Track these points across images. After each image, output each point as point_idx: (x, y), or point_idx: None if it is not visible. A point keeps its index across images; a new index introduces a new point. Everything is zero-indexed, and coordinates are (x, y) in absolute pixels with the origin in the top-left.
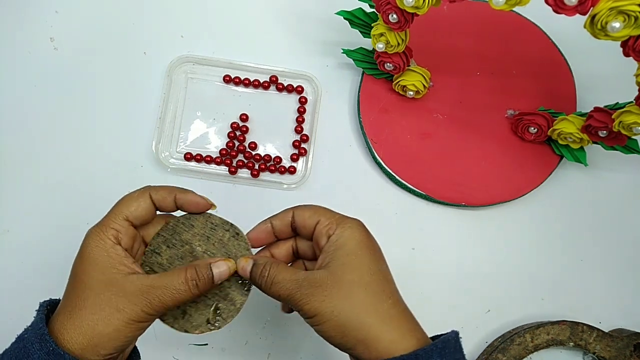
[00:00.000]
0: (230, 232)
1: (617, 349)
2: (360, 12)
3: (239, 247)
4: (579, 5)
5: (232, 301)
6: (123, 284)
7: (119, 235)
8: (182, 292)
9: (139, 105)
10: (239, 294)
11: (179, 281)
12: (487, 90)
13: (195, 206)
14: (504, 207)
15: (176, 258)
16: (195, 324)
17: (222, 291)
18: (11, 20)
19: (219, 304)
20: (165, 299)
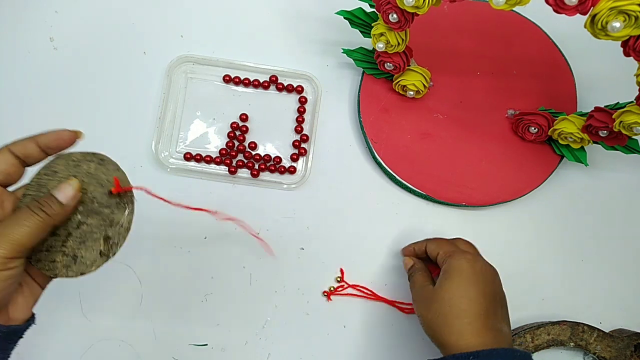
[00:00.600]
0: (95, 162)
1: (618, 349)
2: (361, 11)
3: (108, 171)
4: (579, 5)
5: (119, 223)
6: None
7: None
8: (32, 224)
9: (139, 105)
10: (123, 214)
11: (24, 213)
12: (487, 90)
13: (60, 141)
14: (504, 207)
15: None
16: (89, 262)
17: (105, 220)
18: (11, 20)
19: (107, 233)
20: (16, 235)
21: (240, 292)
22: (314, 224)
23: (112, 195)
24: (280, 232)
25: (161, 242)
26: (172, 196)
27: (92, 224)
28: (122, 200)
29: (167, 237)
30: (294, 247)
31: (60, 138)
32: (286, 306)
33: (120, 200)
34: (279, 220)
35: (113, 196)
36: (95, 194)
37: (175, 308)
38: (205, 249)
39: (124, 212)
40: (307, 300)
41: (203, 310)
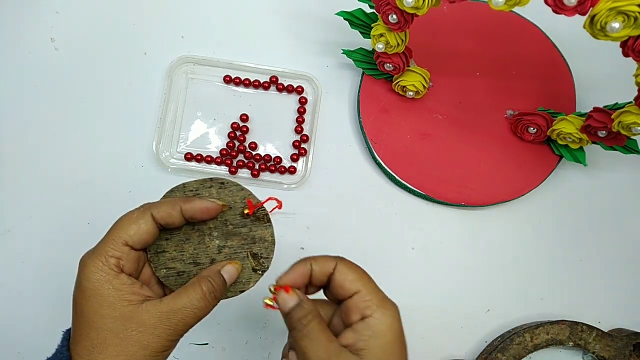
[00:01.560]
0: (216, 187)
1: (617, 349)
2: (360, 12)
3: (232, 193)
4: (578, 6)
5: (262, 239)
6: (140, 317)
7: (121, 262)
8: (203, 309)
9: (140, 105)
10: (263, 229)
11: (197, 298)
12: (486, 90)
13: (206, 213)
14: (504, 207)
15: (182, 242)
16: (244, 279)
17: (246, 238)
18: (12, 20)
19: (252, 251)
20: (188, 320)
21: None
22: (314, 224)
23: (245, 216)
24: (280, 232)
25: None
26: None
27: (234, 246)
28: (257, 217)
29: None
30: (294, 247)
31: (208, 209)
32: None
33: (255, 217)
34: (279, 220)
35: (247, 216)
36: (227, 217)
37: None
38: None
39: (263, 227)
40: None
41: None
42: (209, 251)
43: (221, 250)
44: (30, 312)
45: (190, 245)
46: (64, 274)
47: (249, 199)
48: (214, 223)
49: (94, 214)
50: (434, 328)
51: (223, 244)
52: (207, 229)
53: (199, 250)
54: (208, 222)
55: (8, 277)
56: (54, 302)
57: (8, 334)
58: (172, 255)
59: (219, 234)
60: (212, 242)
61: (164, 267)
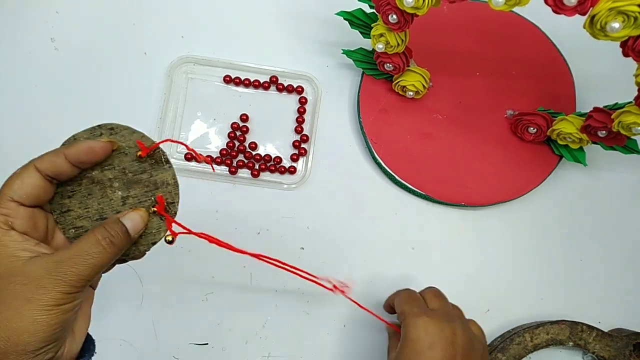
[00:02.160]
0: (106, 134)
1: (617, 349)
2: (360, 12)
3: (124, 138)
4: (578, 6)
5: (165, 183)
6: (26, 271)
7: (9, 220)
8: (97, 256)
9: (140, 105)
10: (164, 172)
11: (89, 244)
12: (486, 90)
13: (92, 154)
14: (504, 207)
15: (85, 198)
16: (154, 230)
17: (149, 185)
18: (12, 20)
19: (155, 197)
20: (81, 270)
21: (241, 292)
22: (314, 224)
23: (142, 159)
24: (280, 232)
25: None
26: None
27: (137, 194)
28: (155, 160)
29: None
30: (294, 247)
31: (92, 149)
32: (286, 306)
33: (153, 160)
34: (279, 220)
35: (143, 160)
36: (124, 165)
37: (176, 307)
38: (206, 249)
39: (162, 170)
40: (307, 300)
41: (204, 310)
42: (114, 204)
43: (125, 201)
44: None
45: (94, 200)
46: None
47: (139, 141)
48: (113, 173)
49: None
50: None
51: (126, 194)
52: (107, 181)
53: (104, 204)
54: (106, 172)
55: None
56: None
57: None
58: (77, 213)
59: (120, 184)
60: (115, 193)
61: (72, 226)
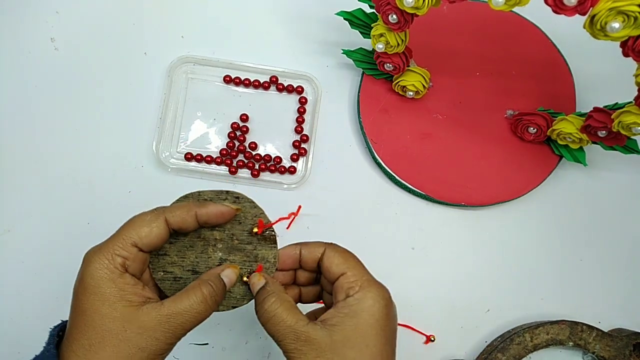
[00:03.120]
0: (230, 200)
1: (617, 349)
2: (360, 12)
3: (245, 209)
4: (578, 6)
5: (265, 259)
6: (141, 319)
7: (127, 262)
8: (202, 312)
9: (140, 105)
10: (268, 250)
11: (198, 302)
12: (486, 90)
13: (221, 217)
14: (504, 207)
15: (185, 248)
16: (239, 296)
17: (249, 256)
18: (12, 20)
19: (252, 269)
20: (187, 325)
21: None
22: (314, 224)
23: (253, 233)
24: (280, 232)
25: None
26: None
27: (236, 260)
28: (265, 237)
29: None
30: None
31: (222, 214)
32: None
33: (262, 236)
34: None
35: (255, 234)
36: (234, 232)
37: None
38: None
39: (267, 247)
40: None
41: None
42: (210, 262)
43: (222, 263)
44: (30, 312)
45: (193, 253)
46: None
47: (260, 219)
48: (221, 235)
49: (94, 214)
50: (434, 328)
51: (225, 257)
52: (212, 240)
53: (200, 259)
54: (215, 232)
55: (8, 277)
56: (53, 302)
57: (8, 333)
58: (172, 259)
59: (224, 246)
60: (215, 253)
61: (162, 269)
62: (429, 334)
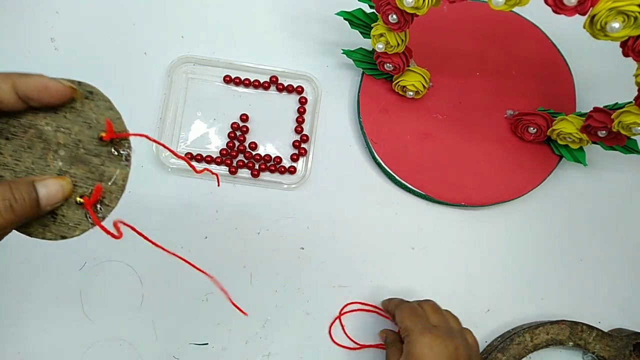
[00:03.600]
0: (80, 90)
1: (617, 349)
2: (360, 12)
3: (99, 109)
4: (578, 6)
5: (111, 178)
6: None
7: None
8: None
9: (140, 105)
10: (117, 167)
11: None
12: (486, 90)
13: (45, 92)
14: (504, 207)
15: (22, 149)
16: (72, 223)
17: (94, 172)
18: (12, 20)
19: (92, 189)
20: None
21: (241, 292)
22: (314, 224)
23: (103, 141)
24: (280, 232)
25: (162, 242)
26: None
27: (77, 175)
28: (116, 149)
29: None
30: (294, 247)
31: (45, 89)
32: (286, 306)
33: (114, 148)
34: (279, 220)
35: (104, 143)
36: (81, 137)
37: (176, 307)
38: (205, 249)
39: (118, 164)
40: (307, 299)
41: (204, 310)
42: (47, 171)
43: (60, 175)
44: (30, 312)
45: (30, 156)
46: (64, 274)
47: (109, 121)
48: (65, 139)
49: None
50: None
51: (66, 168)
52: (54, 144)
53: (37, 165)
54: (59, 134)
55: (8, 277)
56: (53, 302)
57: (8, 333)
58: (5, 159)
59: (66, 155)
60: (55, 162)
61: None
62: None
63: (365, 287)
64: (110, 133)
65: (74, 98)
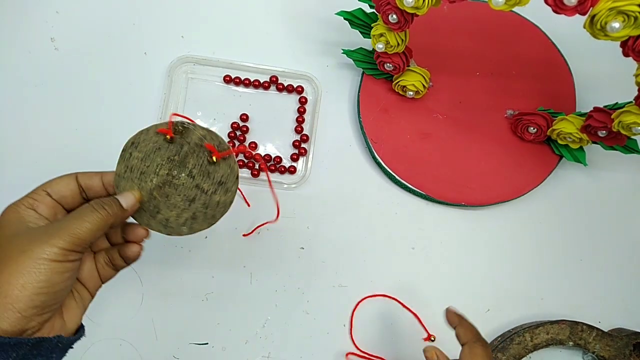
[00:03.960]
0: (178, 129)
1: (617, 349)
2: (360, 12)
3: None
4: (578, 6)
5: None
6: (30, 231)
7: (35, 203)
8: (90, 217)
9: (140, 105)
10: (225, 195)
11: (84, 209)
12: (486, 90)
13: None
14: (504, 207)
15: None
16: (176, 225)
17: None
18: (12, 20)
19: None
20: (75, 228)
21: (241, 292)
22: (314, 224)
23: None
24: (280, 232)
25: (162, 242)
26: None
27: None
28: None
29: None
30: (294, 247)
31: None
32: (286, 306)
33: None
34: (279, 220)
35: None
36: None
37: (176, 307)
38: (206, 249)
39: (224, 192)
40: (307, 299)
41: (204, 310)
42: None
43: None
44: None
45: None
46: None
47: (208, 144)
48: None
49: None
50: (434, 328)
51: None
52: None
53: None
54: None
55: None
56: None
57: None
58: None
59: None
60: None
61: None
62: (429, 334)
63: (365, 287)
64: (215, 153)
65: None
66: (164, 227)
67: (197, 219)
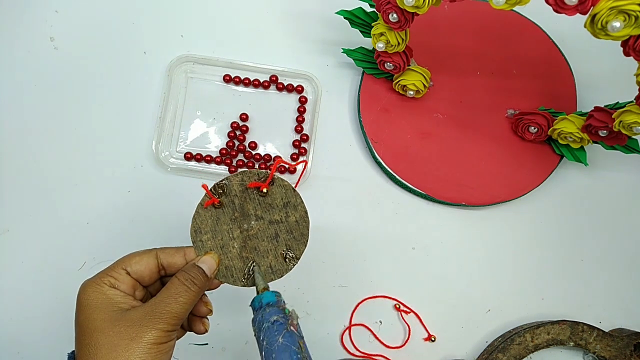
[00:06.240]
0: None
1: (617, 349)
2: (361, 11)
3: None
4: (579, 5)
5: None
6: (129, 316)
7: (116, 282)
8: (185, 295)
9: (139, 105)
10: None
11: (176, 287)
12: (487, 89)
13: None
14: (504, 207)
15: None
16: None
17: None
18: (11, 20)
19: (284, 254)
20: (173, 308)
21: (241, 292)
22: (314, 224)
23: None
24: None
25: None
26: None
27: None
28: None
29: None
30: None
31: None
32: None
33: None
34: None
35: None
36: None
37: None
38: None
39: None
40: (307, 300)
41: None
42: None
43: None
44: (29, 312)
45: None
46: (64, 274)
47: (252, 183)
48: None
49: (94, 214)
50: (435, 328)
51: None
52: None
53: None
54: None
55: (7, 277)
56: (53, 302)
57: (8, 333)
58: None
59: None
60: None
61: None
62: (429, 334)
63: (365, 287)
64: (264, 184)
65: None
66: (272, 273)
67: (291, 247)
